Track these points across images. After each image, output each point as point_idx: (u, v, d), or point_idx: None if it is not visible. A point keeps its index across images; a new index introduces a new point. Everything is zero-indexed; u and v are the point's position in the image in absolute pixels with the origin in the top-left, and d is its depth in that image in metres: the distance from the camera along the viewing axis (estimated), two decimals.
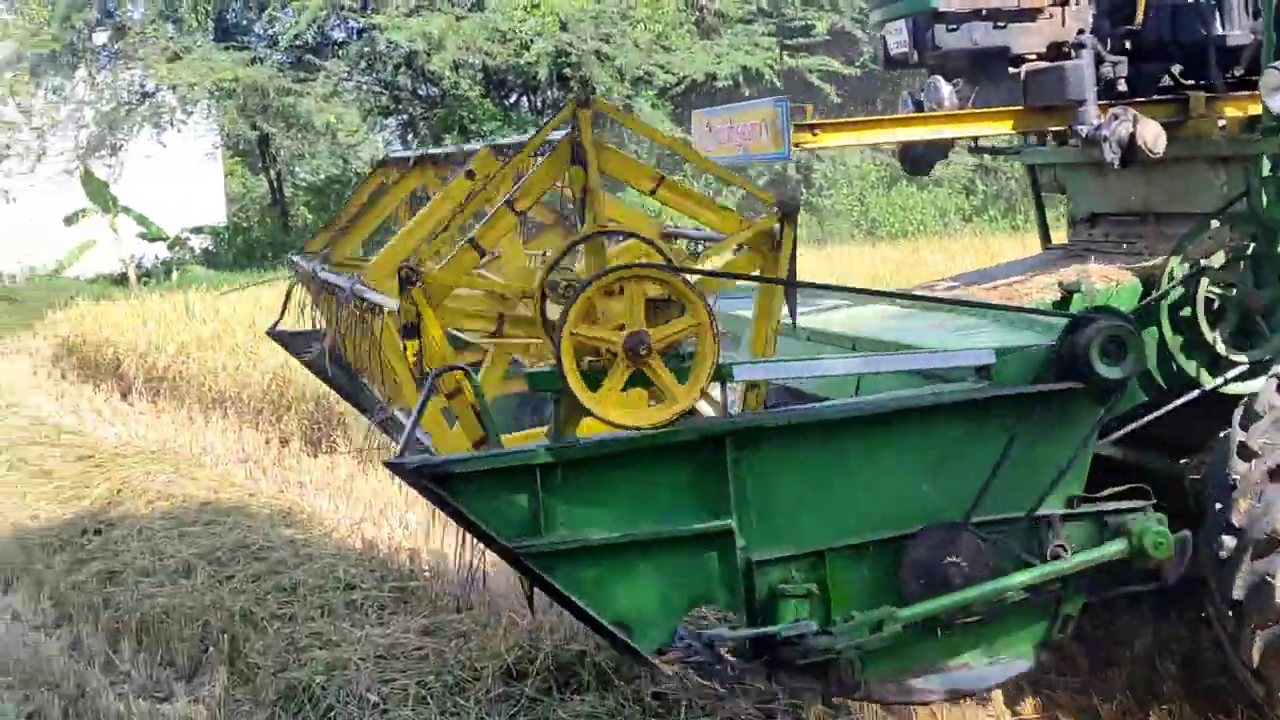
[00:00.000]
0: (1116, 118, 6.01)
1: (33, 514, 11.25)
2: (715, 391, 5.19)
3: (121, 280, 32.94)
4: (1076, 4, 6.41)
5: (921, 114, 6.49)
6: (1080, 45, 6.23)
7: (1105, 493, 5.14)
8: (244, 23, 36.12)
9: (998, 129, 6.46)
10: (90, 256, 34.40)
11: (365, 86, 35.67)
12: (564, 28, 32.35)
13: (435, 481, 4.66)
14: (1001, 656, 5.13)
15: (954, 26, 6.33)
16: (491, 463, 4.69)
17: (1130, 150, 5.98)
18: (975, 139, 6.95)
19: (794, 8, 35.86)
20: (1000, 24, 6.34)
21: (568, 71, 32.61)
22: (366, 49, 33.99)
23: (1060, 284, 6.03)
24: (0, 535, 10.58)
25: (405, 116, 36.92)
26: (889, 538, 4.94)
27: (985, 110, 6.39)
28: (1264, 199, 5.92)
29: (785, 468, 4.86)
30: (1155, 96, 6.47)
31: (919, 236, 32.39)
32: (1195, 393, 5.98)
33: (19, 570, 9.52)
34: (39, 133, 34.85)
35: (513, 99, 36.56)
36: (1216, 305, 6.07)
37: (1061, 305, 5.87)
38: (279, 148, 36.35)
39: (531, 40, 31.33)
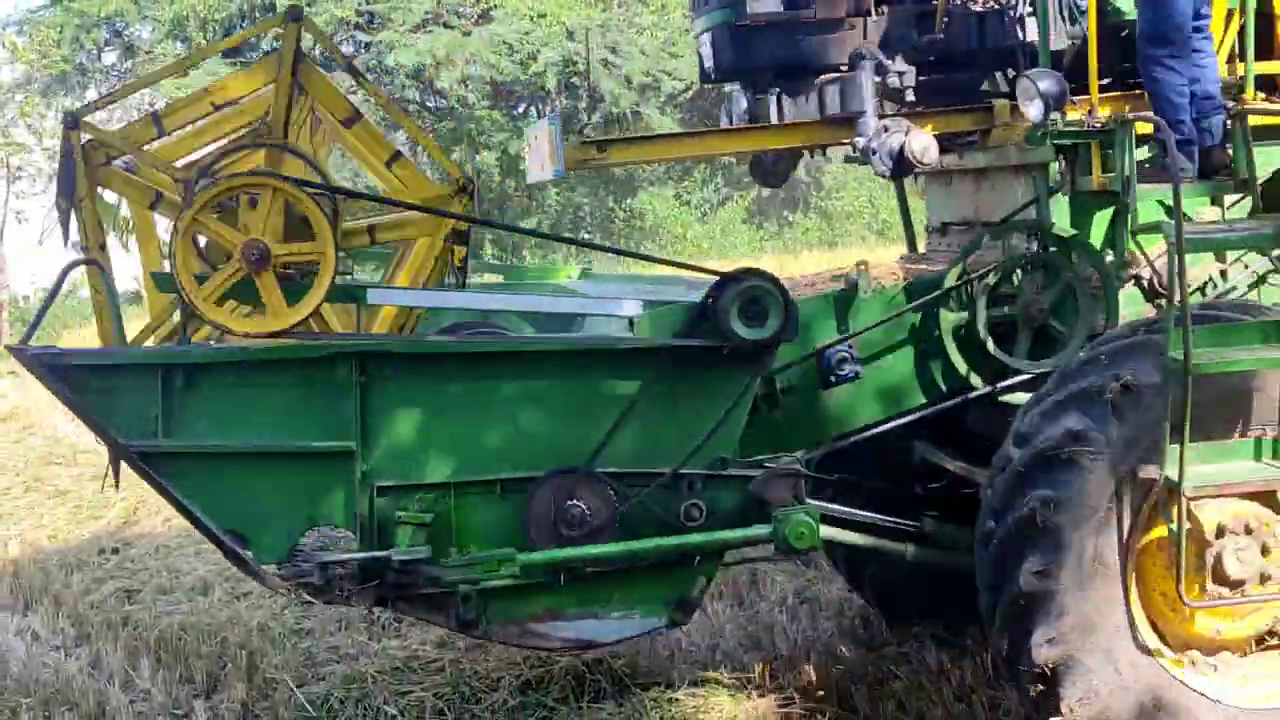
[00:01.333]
0: (886, 129, 6.00)
1: (50, 534, 11.29)
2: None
3: (137, 299, 32.96)
4: (877, 15, 6.34)
5: (714, 130, 6.53)
6: (860, 57, 6.18)
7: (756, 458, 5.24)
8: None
9: (788, 143, 6.42)
10: None
11: (372, 100, 35.65)
12: (570, 37, 32.31)
13: (53, 373, 4.78)
14: (634, 611, 5.23)
15: (748, 41, 6.29)
16: (114, 359, 4.82)
17: (900, 161, 5.96)
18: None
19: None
20: (799, 36, 6.28)
21: (575, 80, 32.57)
22: (373, 63, 33.99)
23: (845, 278, 6.10)
24: (19, 556, 10.60)
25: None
26: (519, 478, 5.01)
27: (775, 125, 6.34)
28: (1049, 209, 5.93)
29: (414, 396, 4.93)
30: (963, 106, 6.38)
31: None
32: (964, 397, 6.08)
33: (38, 590, 9.52)
34: (50, 154, 34.93)
35: (521, 109, 36.60)
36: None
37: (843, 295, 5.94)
38: None
39: (538, 51, 31.23)
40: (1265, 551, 5.38)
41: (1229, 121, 5.51)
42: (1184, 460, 5.04)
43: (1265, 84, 6.05)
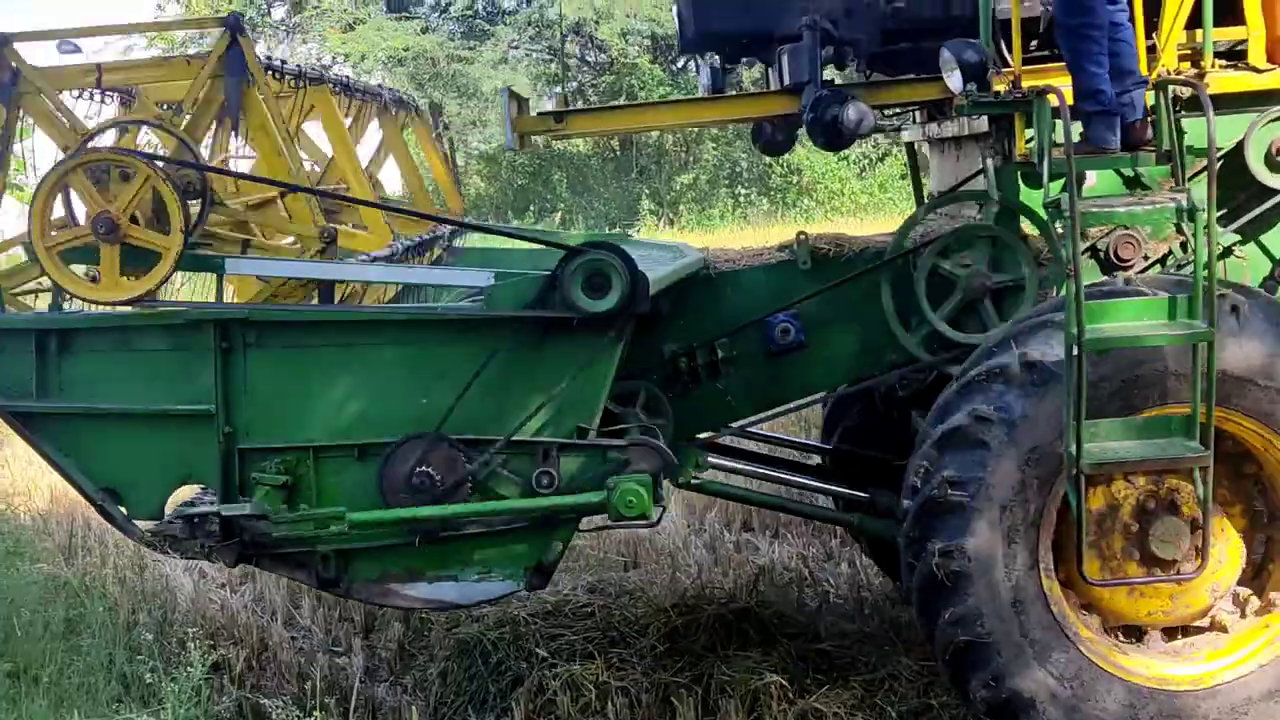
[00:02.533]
0: (821, 100, 5.93)
1: None
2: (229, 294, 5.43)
3: None
4: None
5: (674, 100, 6.50)
6: (808, 27, 6.11)
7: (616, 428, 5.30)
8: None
9: (744, 114, 6.44)
10: None
11: (534, 54, 36.05)
12: None
13: None
14: (490, 574, 5.36)
15: (712, 11, 6.30)
16: None
17: (834, 132, 5.89)
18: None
19: None
20: (760, 5, 6.27)
21: None
22: (535, 16, 34.32)
23: (798, 236, 6.18)
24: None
25: (574, 84, 37.23)
26: (376, 442, 5.16)
27: (731, 96, 6.50)
28: (999, 179, 5.84)
29: (273, 362, 5.12)
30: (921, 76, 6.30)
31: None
32: (908, 368, 6.09)
33: None
34: None
35: (681, 64, 36.61)
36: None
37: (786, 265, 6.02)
38: (451, 116, 37.01)
39: None
40: (1175, 533, 5.33)
41: (1153, 92, 5.39)
42: (1080, 437, 4.99)
43: (1231, 52, 5.93)
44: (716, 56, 6.80)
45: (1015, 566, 5.29)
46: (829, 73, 6.64)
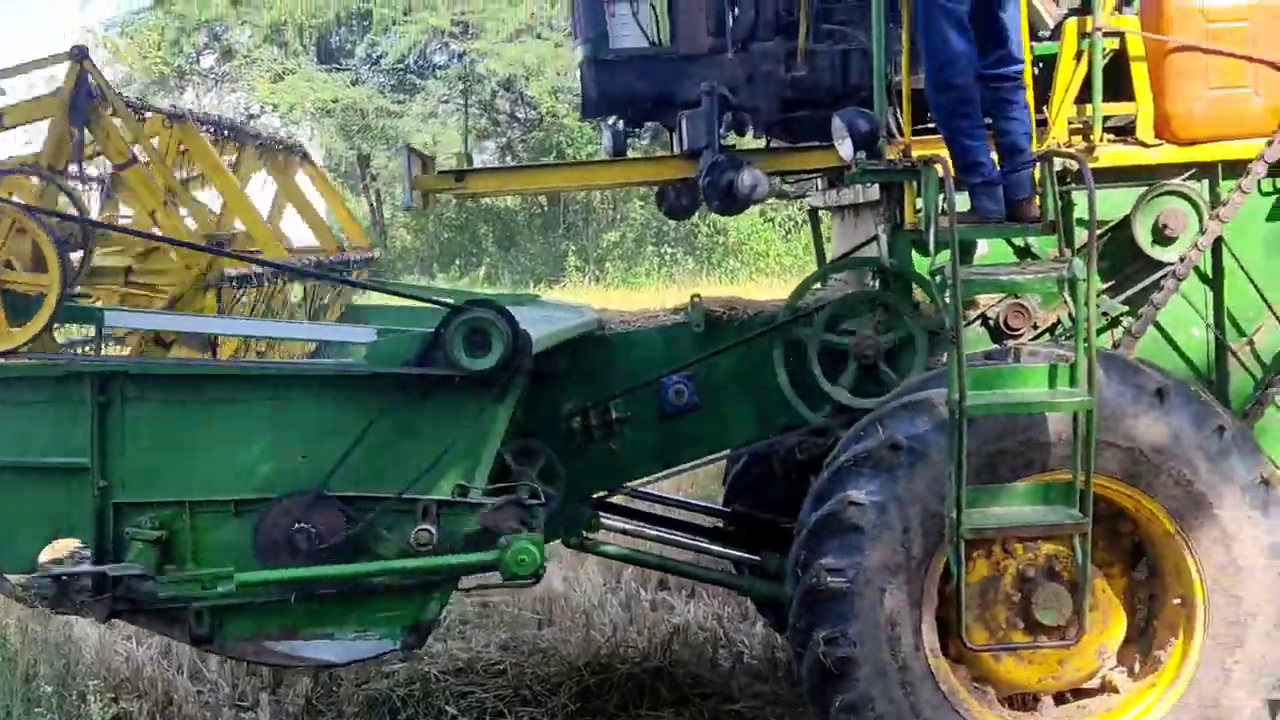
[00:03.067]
0: (717, 165, 6.01)
1: None
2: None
3: None
4: (743, 51, 6.35)
5: (571, 162, 6.59)
6: (707, 94, 6.20)
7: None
8: (347, 46, 36.90)
9: (644, 176, 6.56)
10: None
11: (464, 108, 36.20)
12: None
13: None
14: (368, 633, 5.32)
15: (612, 75, 6.38)
16: None
17: (728, 197, 5.97)
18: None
19: None
20: (661, 71, 6.34)
21: None
22: (466, 72, 34.48)
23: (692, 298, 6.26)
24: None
25: (504, 139, 37.40)
26: (254, 498, 5.14)
27: (631, 160, 6.58)
28: (891, 246, 5.93)
29: (151, 416, 5.09)
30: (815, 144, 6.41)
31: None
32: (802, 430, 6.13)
33: None
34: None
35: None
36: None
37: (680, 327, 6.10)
38: (379, 168, 37.04)
39: None
40: (1056, 598, 5.38)
41: (1038, 165, 5.49)
42: (961, 503, 5.05)
43: (1121, 128, 6.04)
44: (619, 120, 6.86)
45: (901, 647, 5.32)
46: (730, 139, 6.73)
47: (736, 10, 6.41)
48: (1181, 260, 5.82)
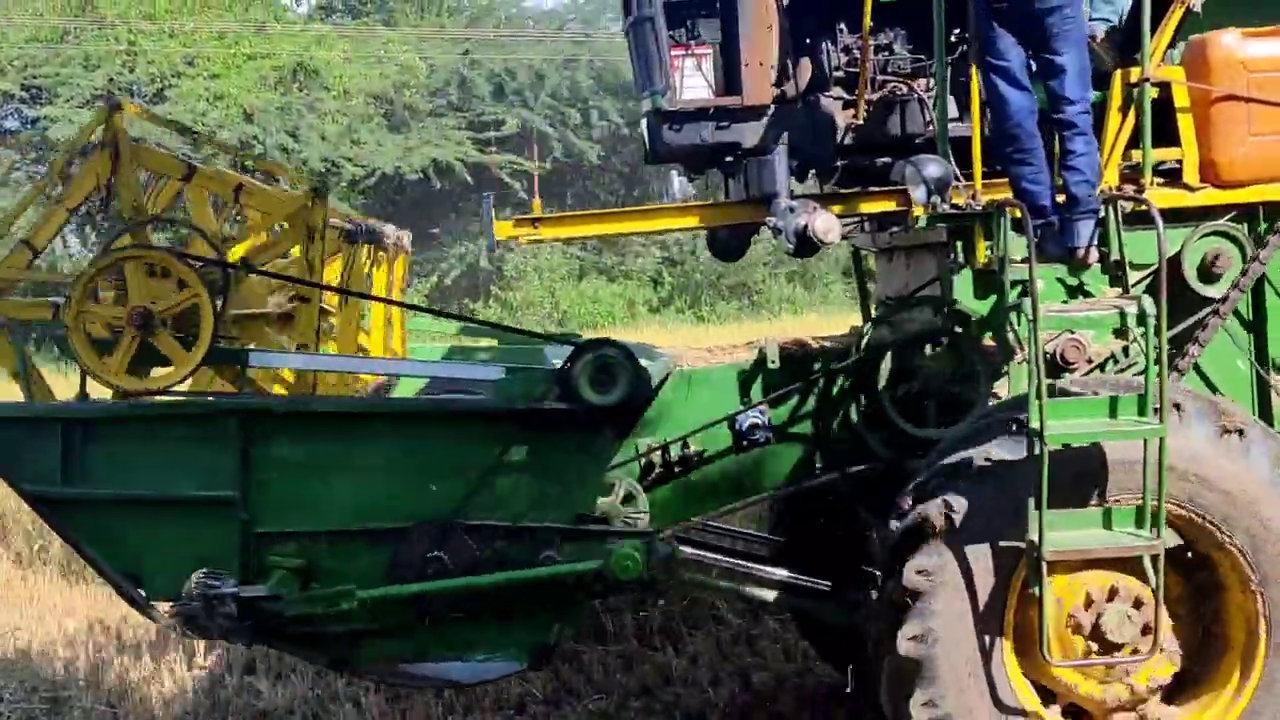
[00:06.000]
0: (792, 210, 6.31)
1: None
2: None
3: None
4: (804, 103, 6.64)
5: (638, 208, 6.89)
6: (776, 140, 6.51)
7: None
8: None
9: (712, 221, 6.82)
10: None
11: (38, 175, 35.73)
12: (249, 119, 32.53)
13: None
14: (495, 654, 5.61)
15: (679, 126, 6.61)
16: (19, 412, 5.46)
17: (804, 241, 6.27)
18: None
19: (485, 103, 37.07)
20: (727, 122, 6.59)
21: (250, 164, 31.98)
22: (37, 138, 33.34)
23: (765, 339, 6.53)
24: None
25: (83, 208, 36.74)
26: (387, 529, 5.42)
27: (698, 204, 6.86)
28: (953, 286, 6.20)
29: (292, 452, 5.40)
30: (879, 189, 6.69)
31: (608, 327, 33.71)
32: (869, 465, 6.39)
33: None
34: None
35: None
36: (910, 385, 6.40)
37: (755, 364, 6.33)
38: None
39: (214, 132, 30.55)
40: (1128, 618, 5.67)
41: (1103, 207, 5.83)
42: (1042, 526, 5.34)
43: (1167, 171, 6.38)
44: (683, 167, 7.16)
45: (978, 653, 5.61)
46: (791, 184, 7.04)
47: (800, 62, 6.69)
48: (1225, 298, 6.16)
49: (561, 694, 7.83)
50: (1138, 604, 5.65)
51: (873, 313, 7.89)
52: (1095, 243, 5.85)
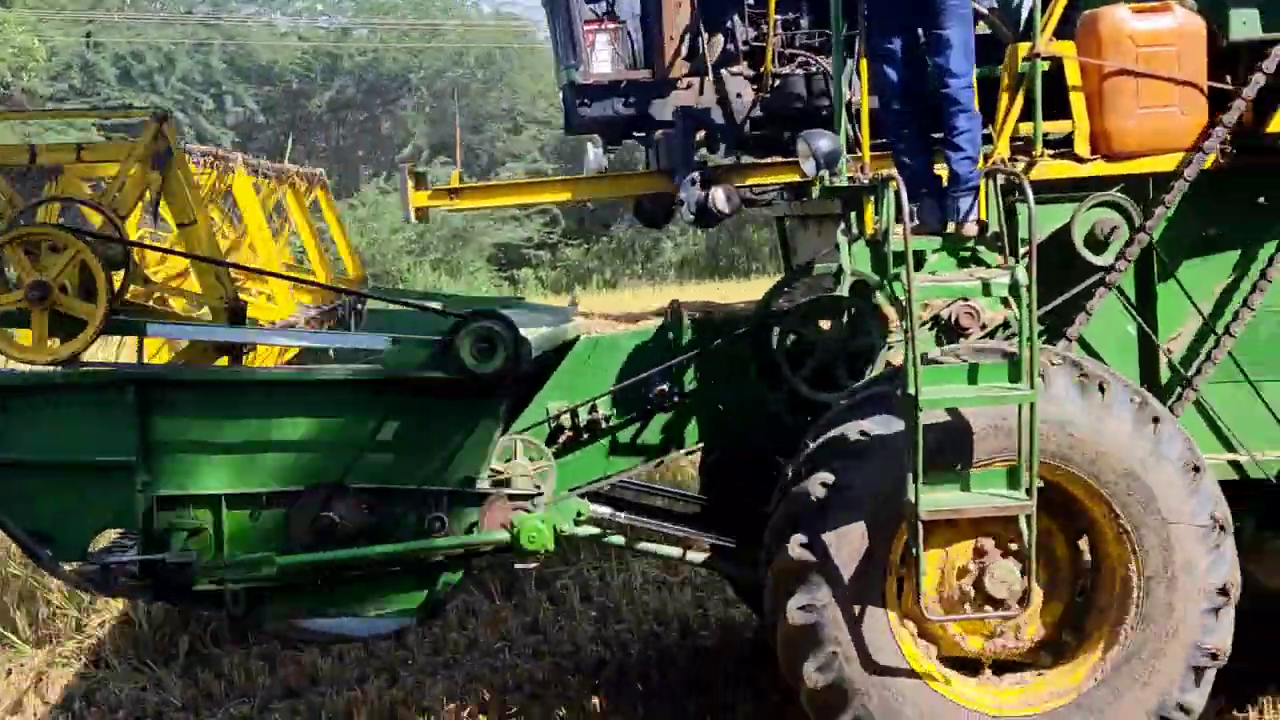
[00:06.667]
0: (693, 182, 6.61)
1: None
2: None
3: None
4: (714, 77, 6.92)
5: (557, 179, 7.11)
6: (680, 115, 6.84)
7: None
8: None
9: (623, 191, 7.14)
10: None
11: None
12: None
13: None
14: (387, 610, 5.91)
15: (592, 99, 6.95)
16: None
17: (704, 211, 6.53)
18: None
19: (111, 87, 36.57)
20: (637, 95, 6.94)
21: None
22: None
23: (671, 303, 6.78)
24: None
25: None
26: (283, 491, 5.70)
27: (610, 175, 7.23)
28: (848, 255, 6.40)
29: (187, 419, 5.65)
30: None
31: None
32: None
33: None
34: None
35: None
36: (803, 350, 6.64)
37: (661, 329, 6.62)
38: None
39: None
40: (1010, 575, 5.92)
41: (983, 181, 6.04)
42: (918, 489, 5.58)
43: (1061, 142, 6.58)
44: (599, 138, 7.39)
45: (864, 614, 5.89)
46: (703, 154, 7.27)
47: (708, 38, 6.90)
48: (1112, 267, 6.38)
49: (200, 700, 7.91)
50: (1020, 561, 5.89)
51: None
52: (974, 216, 6.05)
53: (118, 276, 5.77)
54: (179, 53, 39.00)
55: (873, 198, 6.15)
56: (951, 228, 6.12)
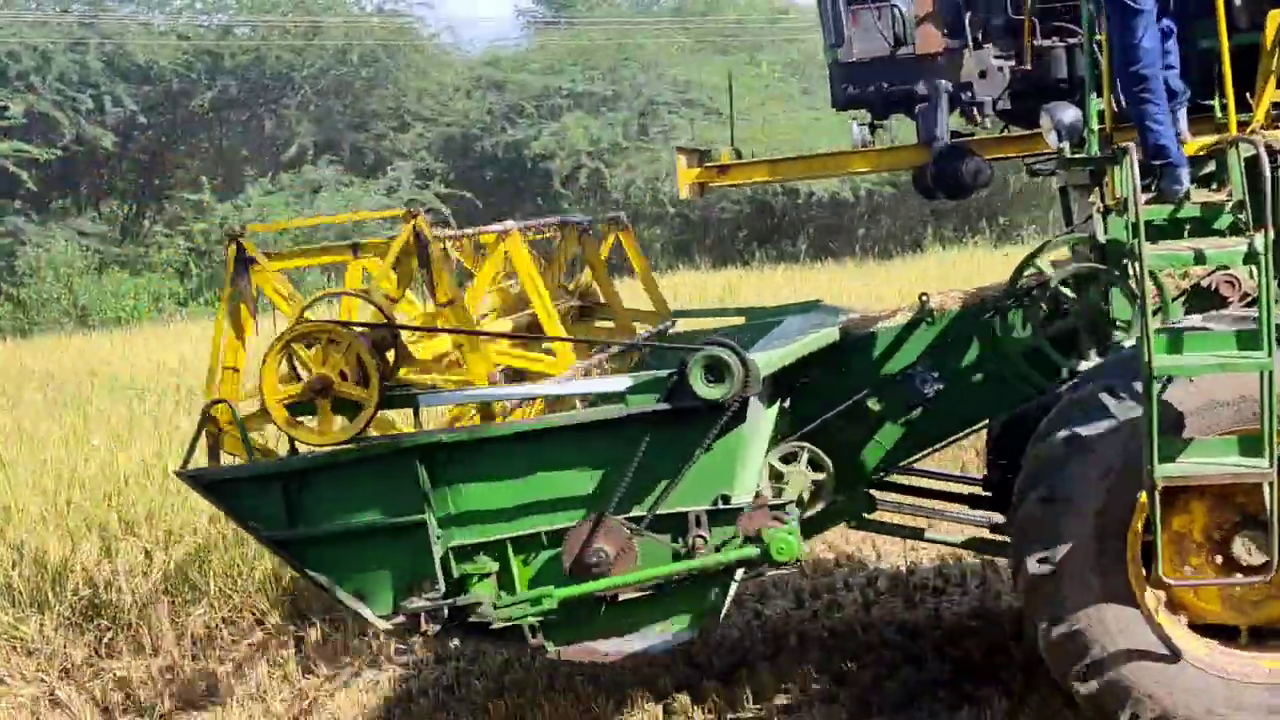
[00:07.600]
0: (943, 155, 6.70)
1: None
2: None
3: None
4: (974, 49, 6.95)
5: (823, 154, 7.25)
6: (936, 88, 6.87)
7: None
8: None
9: (886, 165, 7.41)
10: None
11: None
12: None
13: (206, 488, 6.43)
14: (669, 627, 6.26)
15: (856, 77, 7.07)
16: (245, 472, 6.34)
17: (955, 183, 6.66)
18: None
19: None
20: (900, 71, 7.02)
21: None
22: None
23: (920, 297, 6.94)
24: None
25: None
26: (557, 529, 6.11)
27: (871, 149, 7.31)
28: (1104, 226, 6.42)
29: (466, 473, 6.18)
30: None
31: (134, 322, 32.32)
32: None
33: None
34: None
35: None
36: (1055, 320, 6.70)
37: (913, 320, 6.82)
38: None
39: None
40: (1250, 541, 5.93)
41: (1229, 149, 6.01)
42: (1154, 455, 5.64)
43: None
44: (866, 113, 7.61)
45: (1103, 571, 6.02)
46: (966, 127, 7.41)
47: (970, 14, 7.06)
48: None
49: None
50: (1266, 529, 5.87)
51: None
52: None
53: (390, 354, 6.39)
54: (55, 52, 38.87)
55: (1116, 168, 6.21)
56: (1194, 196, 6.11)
